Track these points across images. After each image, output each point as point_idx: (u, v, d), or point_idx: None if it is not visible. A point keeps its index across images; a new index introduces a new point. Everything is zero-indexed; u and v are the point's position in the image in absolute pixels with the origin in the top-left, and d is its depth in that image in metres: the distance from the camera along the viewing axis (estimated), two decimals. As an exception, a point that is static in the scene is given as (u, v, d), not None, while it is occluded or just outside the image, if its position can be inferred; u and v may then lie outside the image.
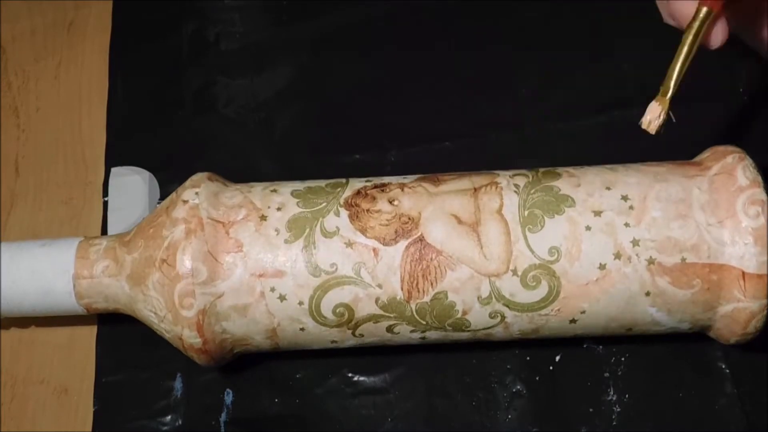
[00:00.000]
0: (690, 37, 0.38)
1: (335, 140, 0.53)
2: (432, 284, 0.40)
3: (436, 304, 0.40)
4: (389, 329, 0.41)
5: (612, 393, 0.45)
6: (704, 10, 0.38)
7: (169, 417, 0.46)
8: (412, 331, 0.41)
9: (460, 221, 0.40)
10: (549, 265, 0.39)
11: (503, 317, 0.40)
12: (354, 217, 0.41)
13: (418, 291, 0.40)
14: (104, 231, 0.51)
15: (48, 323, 0.49)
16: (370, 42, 0.56)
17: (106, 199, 0.52)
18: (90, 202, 0.52)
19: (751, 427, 0.44)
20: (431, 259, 0.40)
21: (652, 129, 0.38)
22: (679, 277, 0.39)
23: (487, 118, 0.52)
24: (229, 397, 0.46)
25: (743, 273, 0.39)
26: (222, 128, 0.54)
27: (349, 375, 0.46)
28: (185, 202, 0.42)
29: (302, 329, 0.41)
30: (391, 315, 0.40)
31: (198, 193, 0.42)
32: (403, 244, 0.40)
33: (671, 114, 0.38)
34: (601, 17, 0.55)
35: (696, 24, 0.38)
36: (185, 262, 0.40)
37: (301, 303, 0.40)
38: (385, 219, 0.40)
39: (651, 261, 0.39)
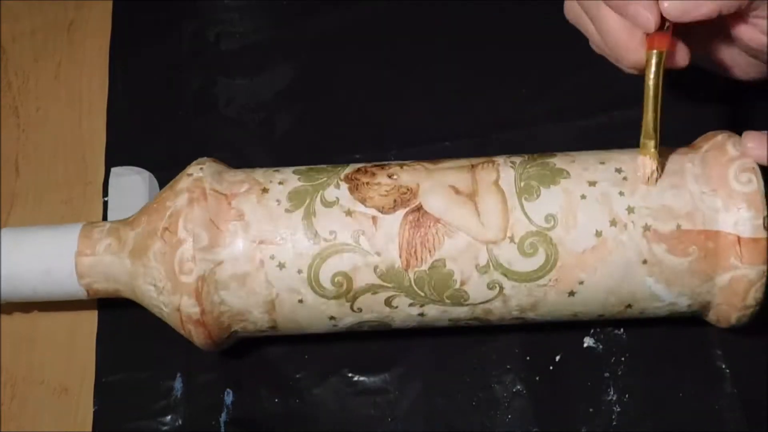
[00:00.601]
0: (651, 82, 0.39)
1: (335, 140, 0.53)
2: (430, 252, 0.40)
3: (434, 273, 0.40)
4: (388, 302, 0.41)
5: (612, 393, 0.45)
6: (654, 53, 0.39)
7: (169, 417, 0.46)
8: (410, 305, 0.41)
9: (457, 191, 0.41)
10: (546, 232, 0.40)
11: (501, 288, 0.40)
12: (354, 189, 0.41)
13: (417, 259, 0.40)
14: (104, 231, 0.51)
15: (48, 324, 0.49)
16: (370, 42, 0.56)
17: (106, 199, 0.52)
18: (90, 202, 0.52)
19: (751, 427, 0.44)
20: (429, 226, 0.40)
21: (653, 182, 0.40)
22: (675, 245, 0.40)
23: (487, 118, 0.52)
24: (229, 397, 0.46)
25: (739, 238, 0.39)
26: (222, 128, 0.54)
27: (349, 375, 0.46)
28: (189, 175, 0.43)
29: (300, 301, 0.41)
30: (390, 285, 0.40)
31: (203, 168, 0.43)
32: (401, 212, 0.40)
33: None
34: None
35: (652, 68, 0.39)
36: (187, 227, 0.41)
37: (300, 271, 0.40)
38: (384, 190, 0.41)
39: (647, 228, 0.40)
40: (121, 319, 0.48)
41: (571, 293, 0.41)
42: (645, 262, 0.40)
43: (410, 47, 0.56)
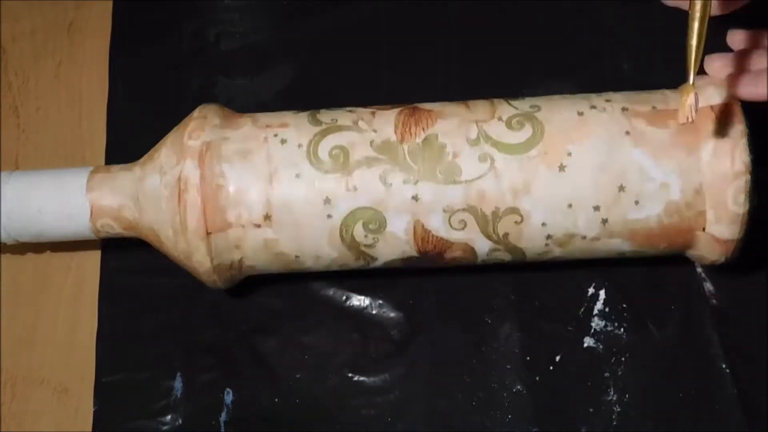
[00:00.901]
0: (698, 8, 0.38)
1: (335, 140, 0.53)
2: (423, 129, 0.43)
3: (427, 146, 0.42)
4: (382, 179, 0.42)
5: (612, 393, 0.45)
6: None
7: (169, 417, 0.46)
8: (405, 182, 0.42)
9: (450, 102, 0.45)
10: (531, 113, 0.43)
11: (493, 161, 0.42)
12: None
13: (411, 134, 0.43)
14: (104, 231, 0.51)
15: (48, 324, 0.49)
16: (370, 42, 0.56)
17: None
18: (90, 202, 0.52)
19: (751, 427, 0.44)
20: (423, 113, 0.44)
21: (694, 116, 0.40)
22: (653, 119, 0.42)
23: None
24: (229, 397, 0.46)
25: (712, 107, 0.41)
26: (222, 128, 0.54)
27: (349, 375, 0.46)
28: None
29: (297, 176, 0.42)
30: (384, 157, 0.42)
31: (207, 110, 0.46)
32: (399, 108, 0.44)
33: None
34: (602, 17, 0.55)
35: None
36: (201, 110, 0.45)
37: (300, 145, 0.43)
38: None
39: (624, 109, 0.43)
40: (121, 319, 0.48)
41: (561, 167, 0.41)
42: (628, 133, 0.42)
43: (410, 47, 0.56)
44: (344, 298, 0.48)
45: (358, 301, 0.48)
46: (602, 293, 0.48)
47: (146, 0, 0.59)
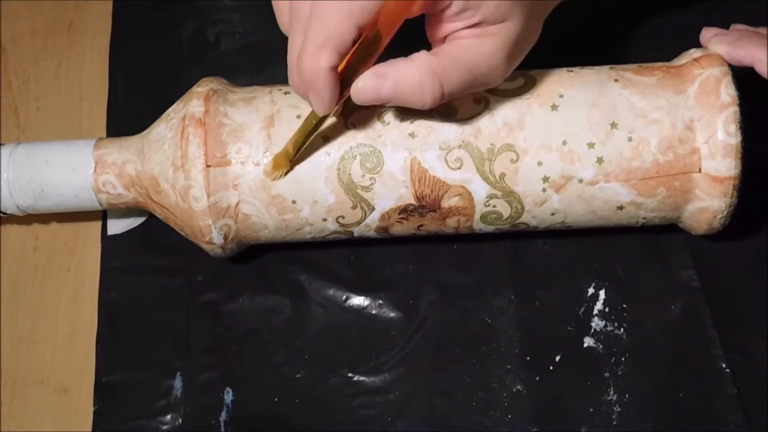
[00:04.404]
0: (304, 125, 0.41)
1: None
2: None
3: None
4: (380, 117, 0.43)
5: (612, 393, 0.45)
6: (311, 116, 0.41)
7: (169, 416, 0.46)
8: (402, 120, 0.43)
9: None
10: (524, 71, 0.44)
11: (487, 102, 0.43)
12: None
13: None
14: (104, 232, 0.51)
15: (48, 324, 0.49)
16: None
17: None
18: (90, 202, 0.52)
19: (751, 427, 0.44)
20: None
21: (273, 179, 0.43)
22: (640, 71, 0.44)
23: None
24: (229, 396, 0.46)
25: (695, 58, 0.44)
26: (222, 128, 0.54)
27: (349, 375, 0.46)
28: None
29: (298, 116, 0.43)
30: None
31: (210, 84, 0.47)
32: None
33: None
34: (602, 17, 0.55)
35: (309, 120, 0.41)
36: (209, 79, 0.46)
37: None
38: None
39: (611, 67, 0.45)
40: (121, 319, 0.48)
41: (554, 107, 0.43)
42: (616, 80, 0.44)
43: (410, 47, 0.55)
44: (344, 298, 0.48)
45: (358, 301, 0.48)
46: (602, 293, 0.48)
47: (146, 0, 0.59)
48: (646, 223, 0.45)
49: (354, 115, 0.43)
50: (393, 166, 0.43)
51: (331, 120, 0.43)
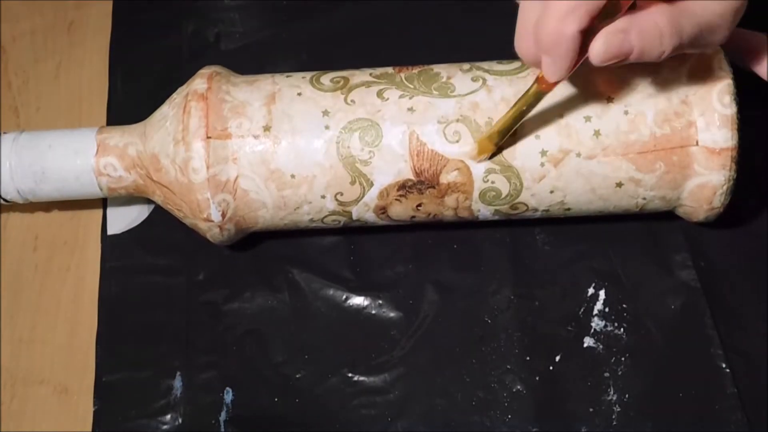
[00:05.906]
0: (521, 101, 0.41)
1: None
2: (420, 65, 0.46)
3: (422, 73, 0.45)
4: (380, 94, 0.44)
5: (612, 393, 0.45)
6: (534, 87, 0.40)
7: (168, 416, 0.46)
8: (401, 96, 0.44)
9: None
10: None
11: (485, 81, 0.44)
12: None
13: (408, 68, 0.46)
14: (104, 232, 0.51)
15: (48, 324, 0.49)
16: (370, 42, 0.56)
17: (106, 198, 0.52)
18: (90, 202, 0.52)
19: (751, 427, 0.44)
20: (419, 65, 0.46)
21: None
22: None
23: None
24: (228, 396, 0.46)
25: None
26: (222, 128, 0.54)
27: (349, 375, 0.46)
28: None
29: (299, 94, 0.44)
30: (382, 81, 0.45)
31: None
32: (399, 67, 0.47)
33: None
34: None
35: (531, 92, 0.40)
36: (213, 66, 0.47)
37: (304, 77, 0.46)
38: None
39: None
40: (121, 319, 0.48)
41: None
42: None
43: (410, 47, 0.56)
44: (344, 298, 0.48)
45: (358, 301, 0.48)
46: (602, 293, 0.48)
47: (146, 0, 0.59)
48: (646, 206, 0.45)
49: (353, 93, 0.44)
50: (392, 140, 0.43)
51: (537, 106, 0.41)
